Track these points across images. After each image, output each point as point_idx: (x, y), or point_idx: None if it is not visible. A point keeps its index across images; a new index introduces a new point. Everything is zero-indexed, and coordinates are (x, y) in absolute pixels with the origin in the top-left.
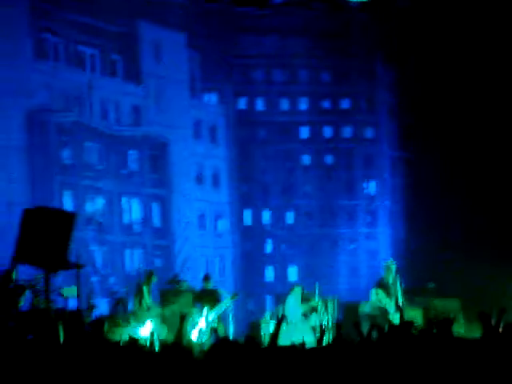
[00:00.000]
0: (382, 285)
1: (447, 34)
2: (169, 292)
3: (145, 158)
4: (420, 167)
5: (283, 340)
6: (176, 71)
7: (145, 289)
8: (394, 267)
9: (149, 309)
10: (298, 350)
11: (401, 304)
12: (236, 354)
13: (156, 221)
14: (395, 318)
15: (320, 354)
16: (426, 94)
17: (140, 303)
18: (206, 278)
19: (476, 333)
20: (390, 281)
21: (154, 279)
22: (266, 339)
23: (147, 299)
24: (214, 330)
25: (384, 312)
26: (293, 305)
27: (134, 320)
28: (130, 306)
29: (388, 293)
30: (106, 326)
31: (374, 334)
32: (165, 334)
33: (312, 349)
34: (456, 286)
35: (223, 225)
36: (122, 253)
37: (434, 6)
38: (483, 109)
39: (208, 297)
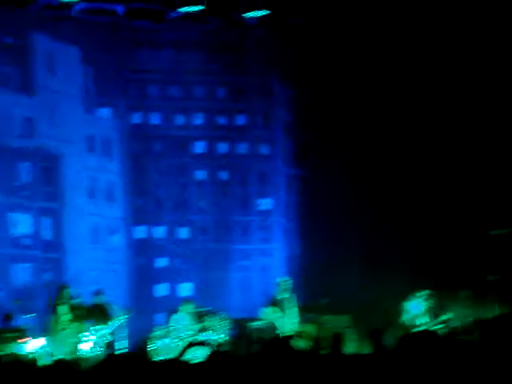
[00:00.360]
0: (275, 301)
1: (342, 52)
2: (58, 307)
3: (37, 171)
4: (315, 185)
5: (173, 356)
6: (70, 85)
7: (59, 308)
8: (287, 284)
9: (64, 328)
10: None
11: (296, 321)
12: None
13: (47, 234)
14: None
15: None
16: (321, 113)
17: (56, 322)
18: (98, 292)
19: (367, 349)
20: (283, 297)
21: (67, 293)
22: (155, 354)
23: (63, 317)
24: (106, 345)
25: (276, 329)
26: (183, 321)
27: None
28: (18, 321)
29: (281, 309)
30: None
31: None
32: (54, 349)
33: (200, 363)
34: (349, 302)
35: (116, 239)
36: (11, 267)
37: (330, 24)
38: (377, 127)
39: (99, 312)
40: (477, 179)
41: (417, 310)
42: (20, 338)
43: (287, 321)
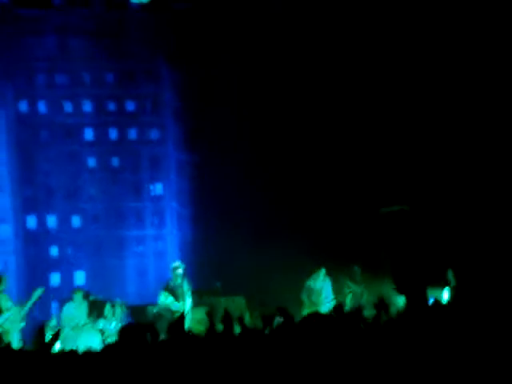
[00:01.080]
0: (170, 287)
1: (227, 36)
2: None
3: None
4: (206, 169)
5: (68, 344)
6: None
7: None
8: (181, 268)
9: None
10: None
11: (189, 305)
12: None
13: None
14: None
15: (103, 357)
16: (210, 97)
17: None
18: None
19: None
20: (178, 282)
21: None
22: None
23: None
24: None
25: (172, 313)
26: (75, 309)
27: None
28: None
29: (175, 294)
30: None
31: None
32: None
33: (96, 353)
34: (242, 284)
35: (6, 230)
36: None
37: (216, 9)
38: (265, 110)
39: None
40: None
41: (318, 288)
42: None
43: (182, 305)
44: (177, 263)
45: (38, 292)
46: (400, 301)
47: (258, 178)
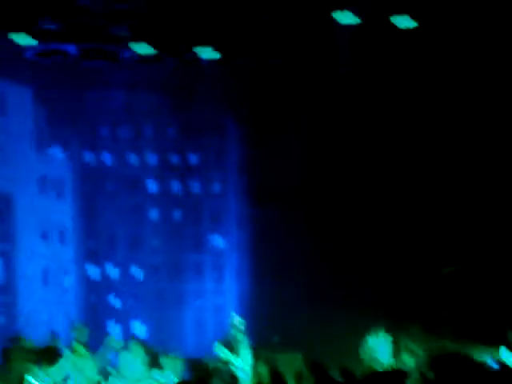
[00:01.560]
0: (228, 341)
1: (294, 93)
2: (12, 350)
3: None
4: (267, 224)
5: None
6: (21, 125)
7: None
8: (240, 323)
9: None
10: None
11: (248, 360)
12: None
13: None
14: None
15: None
16: (274, 152)
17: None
18: (50, 334)
19: None
20: (237, 337)
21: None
22: None
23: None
24: None
25: (231, 367)
26: (132, 361)
27: None
28: None
29: (234, 349)
30: None
31: None
32: None
33: None
34: (301, 341)
35: (68, 280)
36: None
37: (283, 67)
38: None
39: (52, 355)
40: (429, 218)
41: (377, 347)
42: None
43: (241, 361)
44: (236, 318)
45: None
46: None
47: (320, 236)
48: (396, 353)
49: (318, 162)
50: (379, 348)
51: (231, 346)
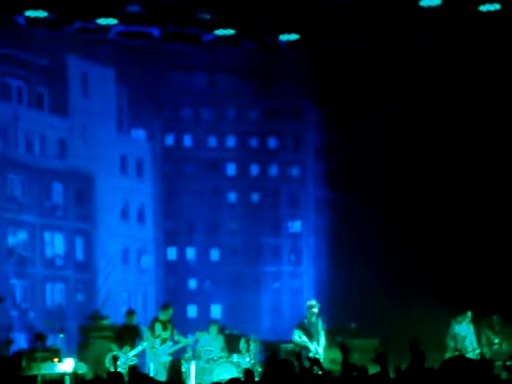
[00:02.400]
0: (304, 325)
1: (374, 75)
2: (90, 328)
3: (69, 192)
4: (345, 208)
5: (204, 378)
6: (103, 106)
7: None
8: (316, 307)
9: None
10: None
11: (323, 344)
12: None
13: (79, 255)
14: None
15: None
16: (353, 135)
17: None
18: (129, 313)
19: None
20: (312, 321)
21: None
22: (186, 377)
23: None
24: (131, 367)
25: (306, 351)
26: (213, 343)
27: None
28: (50, 341)
29: (309, 333)
30: (24, 361)
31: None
32: (85, 369)
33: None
34: (377, 326)
35: (147, 261)
36: (43, 287)
37: (361, 48)
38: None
39: (128, 333)
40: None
41: (464, 333)
42: (52, 358)
43: (315, 344)
44: (312, 302)
45: (187, 341)
46: None
47: (399, 219)
48: (478, 342)
49: (400, 147)
50: (465, 336)
51: (307, 330)
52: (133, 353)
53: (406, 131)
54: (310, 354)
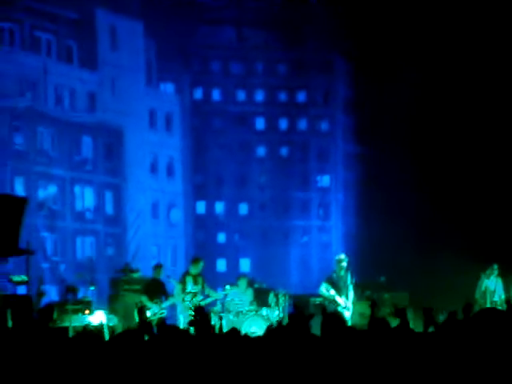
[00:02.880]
0: (333, 279)
1: (407, 30)
2: (120, 281)
3: (99, 146)
4: (374, 163)
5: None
6: (132, 59)
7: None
8: (345, 261)
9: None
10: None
11: (352, 298)
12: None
13: (109, 209)
14: (345, 312)
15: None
16: (383, 91)
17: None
18: (157, 267)
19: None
20: (341, 275)
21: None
22: (216, 329)
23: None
24: (162, 319)
25: (334, 305)
26: (240, 296)
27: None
28: (81, 294)
29: (338, 287)
30: (55, 314)
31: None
32: (116, 322)
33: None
34: (406, 281)
35: (176, 214)
36: (74, 240)
37: (393, 6)
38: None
39: (156, 287)
40: None
41: (493, 287)
42: (83, 310)
43: (344, 298)
44: (341, 256)
45: (217, 295)
46: None
47: (427, 177)
48: (507, 292)
49: (428, 102)
50: (494, 290)
51: (335, 284)
52: (163, 305)
53: (434, 85)
54: (339, 308)
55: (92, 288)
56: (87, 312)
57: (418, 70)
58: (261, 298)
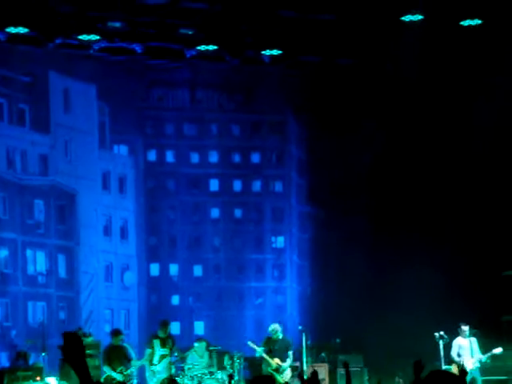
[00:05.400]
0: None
1: (356, 91)
2: None
3: (51, 209)
4: (328, 223)
5: None
6: (85, 122)
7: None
8: (280, 332)
9: None
10: None
11: (305, 360)
12: None
13: (61, 272)
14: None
15: None
16: (335, 151)
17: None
18: (116, 333)
19: None
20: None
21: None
22: None
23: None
24: None
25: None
26: (197, 359)
27: None
28: (32, 360)
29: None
30: (5, 380)
31: None
32: None
33: None
34: (361, 342)
35: (130, 277)
36: (25, 304)
37: (344, 64)
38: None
39: (117, 353)
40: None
41: (466, 345)
42: (34, 376)
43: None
44: (274, 326)
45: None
46: None
47: (381, 237)
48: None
49: (382, 161)
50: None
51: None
52: (128, 372)
53: (388, 145)
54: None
55: (43, 354)
56: (38, 379)
57: (370, 130)
58: (216, 361)
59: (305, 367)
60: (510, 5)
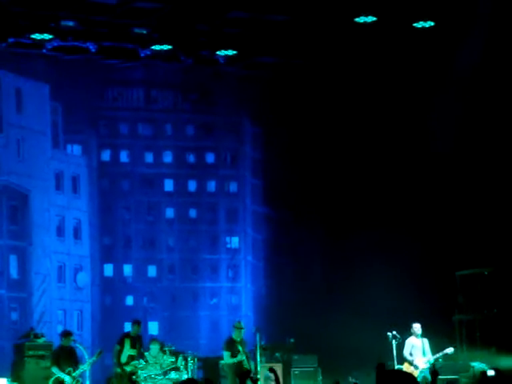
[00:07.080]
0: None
1: (311, 93)
2: (24, 346)
3: (3, 209)
4: (283, 224)
5: None
6: (38, 122)
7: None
8: (242, 326)
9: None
10: None
11: (258, 360)
12: None
13: (13, 273)
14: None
15: None
16: (290, 151)
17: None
18: (66, 334)
19: None
20: (240, 339)
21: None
22: None
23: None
24: None
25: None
26: (151, 360)
27: None
28: None
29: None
30: None
31: None
32: None
33: None
34: (315, 341)
35: (83, 278)
36: None
37: (300, 65)
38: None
39: (66, 354)
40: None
41: (418, 344)
42: None
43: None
44: (237, 322)
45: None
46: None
47: (334, 238)
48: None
49: (337, 166)
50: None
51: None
52: (77, 373)
53: (344, 144)
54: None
55: None
56: None
57: (323, 130)
58: (170, 361)
59: (259, 367)
60: (462, 6)
